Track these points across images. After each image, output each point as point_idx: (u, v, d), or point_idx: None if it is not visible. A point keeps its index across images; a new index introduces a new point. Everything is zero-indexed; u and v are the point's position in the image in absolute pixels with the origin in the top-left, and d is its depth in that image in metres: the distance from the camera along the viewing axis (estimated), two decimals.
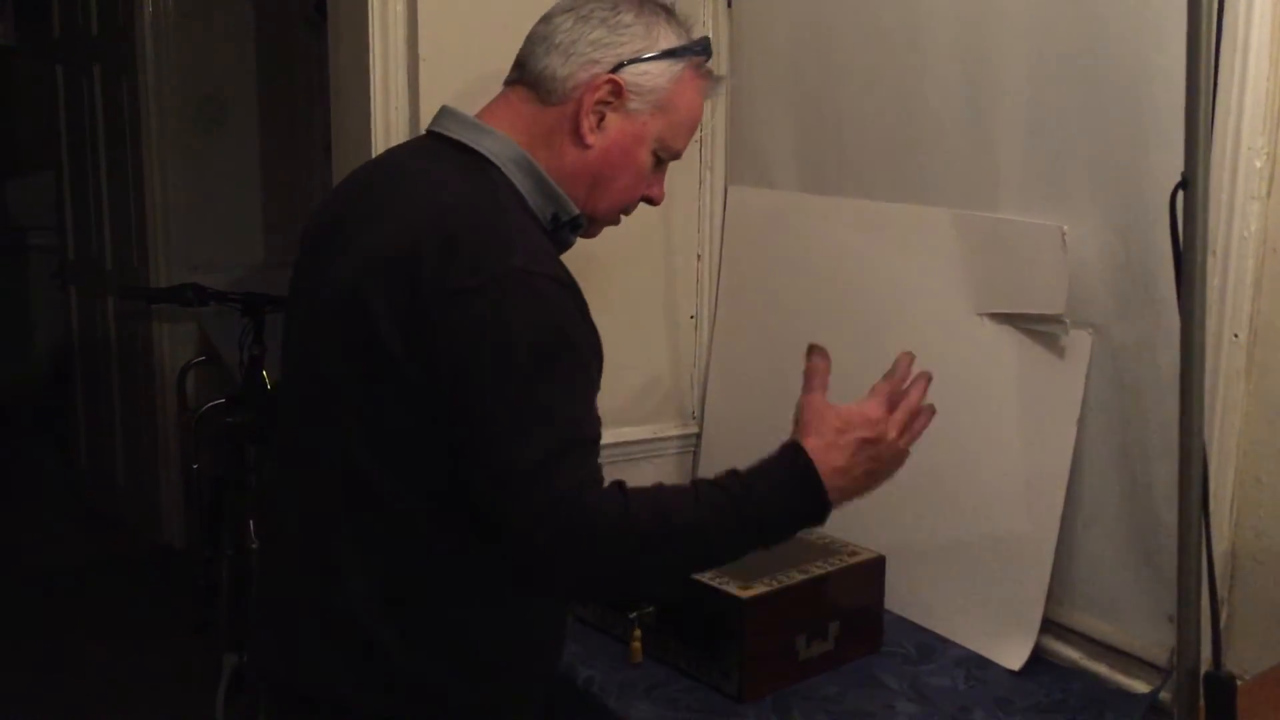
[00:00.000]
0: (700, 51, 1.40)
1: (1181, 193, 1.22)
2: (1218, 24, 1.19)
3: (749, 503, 1.22)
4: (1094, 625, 1.70)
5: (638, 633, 1.72)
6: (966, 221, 1.81)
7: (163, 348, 4.16)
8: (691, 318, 2.32)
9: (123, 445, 4.50)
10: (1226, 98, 1.43)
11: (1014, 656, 1.72)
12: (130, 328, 4.29)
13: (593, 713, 1.63)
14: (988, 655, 1.74)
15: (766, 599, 1.63)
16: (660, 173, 1.44)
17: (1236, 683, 1.25)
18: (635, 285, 2.22)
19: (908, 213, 1.91)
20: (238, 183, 4.20)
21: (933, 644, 1.80)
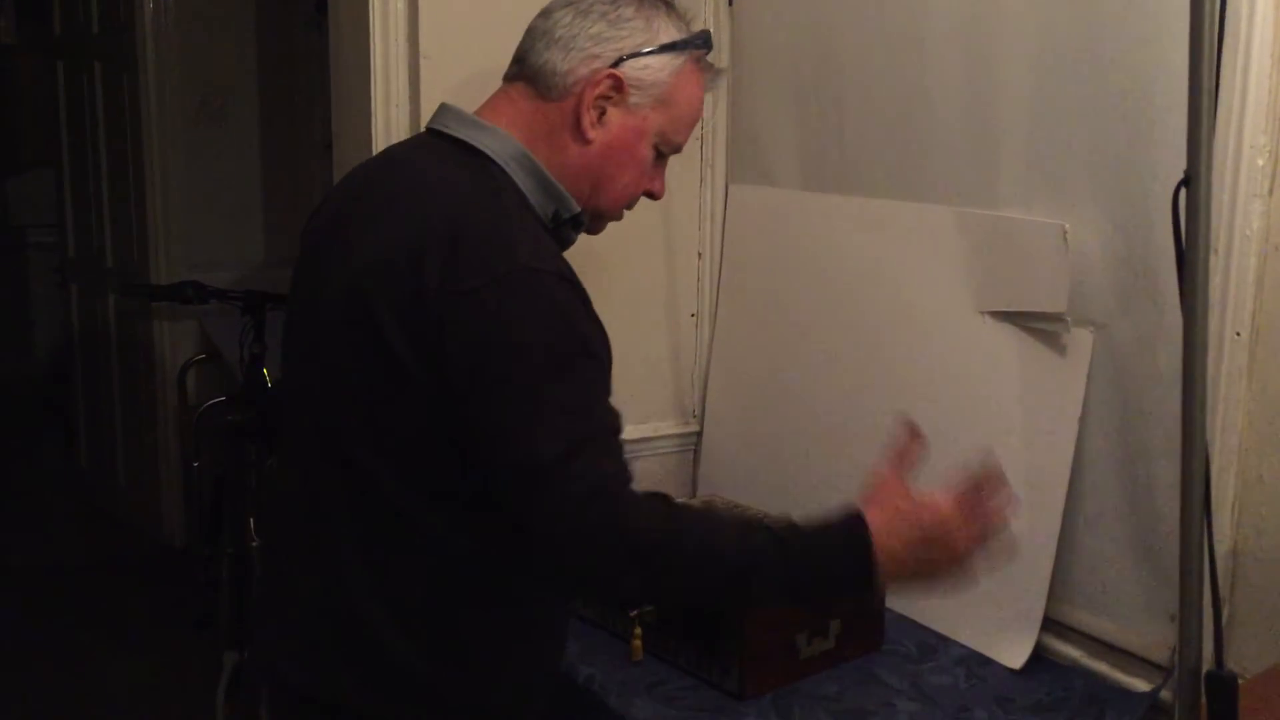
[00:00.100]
0: (701, 45, 1.40)
1: (1183, 191, 1.22)
2: (1220, 22, 1.19)
3: (797, 556, 1.19)
4: (1095, 624, 1.70)
5: (638, 630, 1.71)
6: (968, 219, 1.81)
7: (163, 346, 4.16)
8: (692, 316, 2.31)
9: (123, 443, 4.50)
10: (1229, 95, 1.42)
11: (1015, 655, 1.72)
12: (131, 325, 4.29)
13: (593, 710, 1.63)
14: (988, 654, 1.74)
15: None
16: (661, 167, 1.44)
17: (1238, 681, 1.25)
18: (636, 283, 2.22)
19: (909, 211, 1.91)
20: (238, 180, 4.20)
21: (933, 642, 1.79)
